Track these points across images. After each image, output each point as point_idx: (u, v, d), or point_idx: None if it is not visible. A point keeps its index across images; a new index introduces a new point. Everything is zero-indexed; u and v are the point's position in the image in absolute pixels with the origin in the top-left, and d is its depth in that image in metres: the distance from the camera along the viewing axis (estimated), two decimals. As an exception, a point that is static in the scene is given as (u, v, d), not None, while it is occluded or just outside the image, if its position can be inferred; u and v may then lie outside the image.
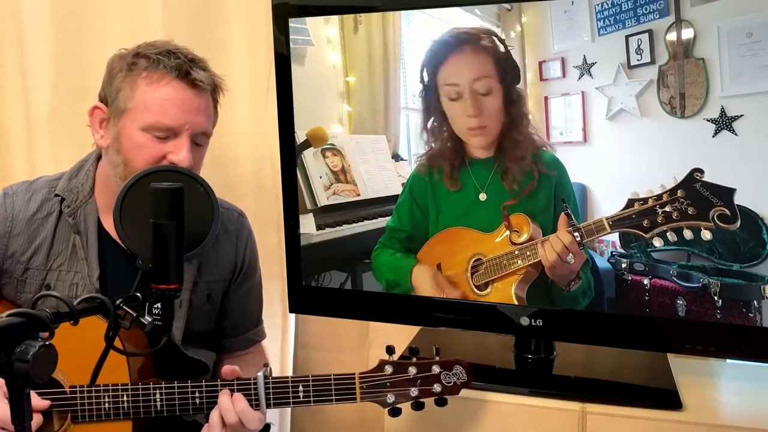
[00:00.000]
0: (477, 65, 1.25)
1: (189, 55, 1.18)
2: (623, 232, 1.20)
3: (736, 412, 1.20)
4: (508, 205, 1.26)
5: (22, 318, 0.71)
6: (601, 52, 1.18)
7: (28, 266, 1.23)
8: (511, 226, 1.26)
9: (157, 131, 1.14)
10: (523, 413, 1.21)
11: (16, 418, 0.71)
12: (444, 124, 1.30)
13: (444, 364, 1.12)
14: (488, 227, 1.29)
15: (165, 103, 1.14)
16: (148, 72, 1.14)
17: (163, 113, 1.14)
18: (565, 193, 1.23)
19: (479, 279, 1.31)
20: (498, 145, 1.26)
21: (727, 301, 1.15)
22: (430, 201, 1.33)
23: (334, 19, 1.33)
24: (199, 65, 1.18)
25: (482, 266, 1.31)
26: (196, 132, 1.17)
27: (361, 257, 1.40)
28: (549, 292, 1.27)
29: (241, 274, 1.37)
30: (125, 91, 1.15)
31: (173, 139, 1.15)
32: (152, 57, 1.15)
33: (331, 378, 1.12)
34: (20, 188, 1.27)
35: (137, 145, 1.15)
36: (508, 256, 1.28)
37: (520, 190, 1.25)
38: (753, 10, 1.07)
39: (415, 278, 1.36)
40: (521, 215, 1.25)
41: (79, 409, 1.13)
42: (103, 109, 1.19)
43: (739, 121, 1.10)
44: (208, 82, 1.18)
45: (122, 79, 1.16)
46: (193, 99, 1.16)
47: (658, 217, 1.15)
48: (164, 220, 0.86)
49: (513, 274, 1.28)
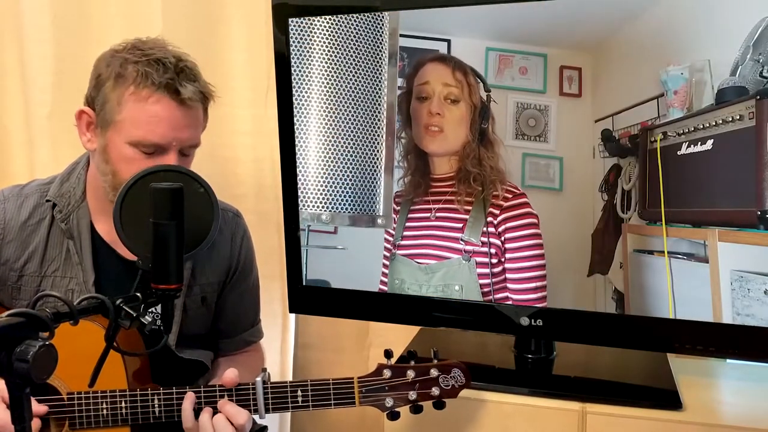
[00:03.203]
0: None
1: (179, 65, 1.14)
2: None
3: (736, 412, 1.20)
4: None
5: (22, 318, 0.71)
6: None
7: (22, 273, 1.22)
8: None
9: (143, 147, 1.12)
10: (523, 413, 1.21)
11: (17, 418, 0.71)
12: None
13: (442, 367, 1.12)
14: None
15: (153, 121, 1.11)
16: (136, 87, 1.11)
17: (150, 131, 1.12)
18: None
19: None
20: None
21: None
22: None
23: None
24: (189, 76, 1.15)
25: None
26: (183, 146, 1.16)
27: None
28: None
29: (236, 274, 1.36)
30: (112, 104, 1.13)
31: (161, 155, 1.14)
32: (140, 69, 1.11)
33: (330, 383, 1.11)
34: (11, 193, 1.25)
35: (125, 158, 1.13)
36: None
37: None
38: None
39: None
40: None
41: (77, 416, 1.12)
42: (90, 114, 1.17)
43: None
44: (197, 97, 1.15)
45: (110, 90, 1.13)
46: (182, 117, 1.14)
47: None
48: (164, 220, 0.86)
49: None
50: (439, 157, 1.32)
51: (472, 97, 1.26)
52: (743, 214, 1.11)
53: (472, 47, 1.26)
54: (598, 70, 1.19)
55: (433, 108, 1.29)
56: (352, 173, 1.38)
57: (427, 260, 1.35)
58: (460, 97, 1.27)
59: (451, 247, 1.32)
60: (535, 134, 1.25)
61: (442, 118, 1.29)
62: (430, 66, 1.29)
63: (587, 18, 1.18)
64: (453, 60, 1.27)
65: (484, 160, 1.26)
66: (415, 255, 1.36)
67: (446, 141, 1.30)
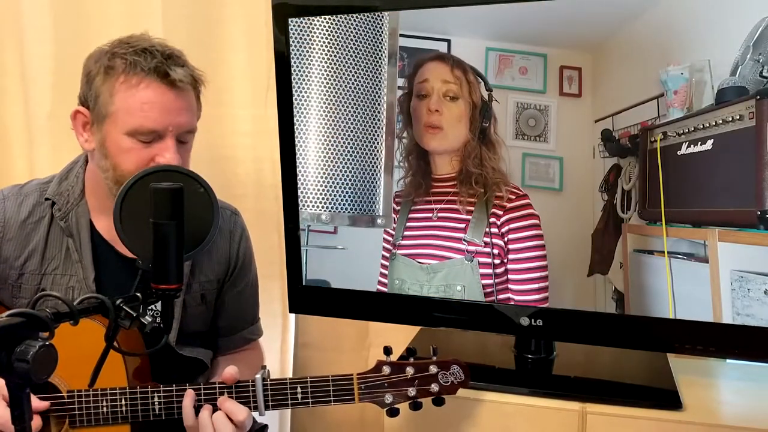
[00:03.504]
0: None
1: (166, 51, 1.15)
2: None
3: (736, 412, 1.20)
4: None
5: (22, 318, 0.71)
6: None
7: (22, 271, 1.22)
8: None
9: (141, 135, 1.13)
10: (523, 413, 1.21)
11: (17, 418, 0.71)
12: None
13: (441, 364, 1.12)
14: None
15: (146, 107, 1.12)
16: (126, 76, 1.12)
17: (145, 117, 1.12)
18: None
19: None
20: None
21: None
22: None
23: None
24: (178, 62, 1.15)
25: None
26: (180, 132, 1.16)
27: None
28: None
29: (234, 272, 1.37)
30: (104, 97, 1.13)
31: (159, 141, 1.14)
32: (128, 59, 1.12)
33: (329, 379, 1.12)
34: (11, 192, 1.26)
35: (123, 149, 1.14)
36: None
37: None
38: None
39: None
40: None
41: (77, 414, 1.12)
42: (85, 113, 1.17)
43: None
44: (188, 80, 1.16)
45: (101, 84, 1.14)
46: (175, 99, 1.14)
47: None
48: (164, 220, 0.86)
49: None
50: (440, 157, 1.32)
51: (472, 95, 1.26)
52: (743, 214, 1.11)
53: (472, 47, 1.26)
54: (598, 70, 1.19)
55: (431, 105, 1.29)
56: (352, 173, 1.38)
57: (428, 260, 1.35)
58: (458, 94, 1.27)
59: (454, 247, 1.32)
60: (535, 134, 1.25)
61: (440, 116, 1.29)
62: (430, 65, 1.29)
63: (587, 18, 1.18)
64: (452, 58, 1.27)
65: (485, 161, 1.26)
66: (416, 255, 1.36)
67: (446, 139, 1.30)
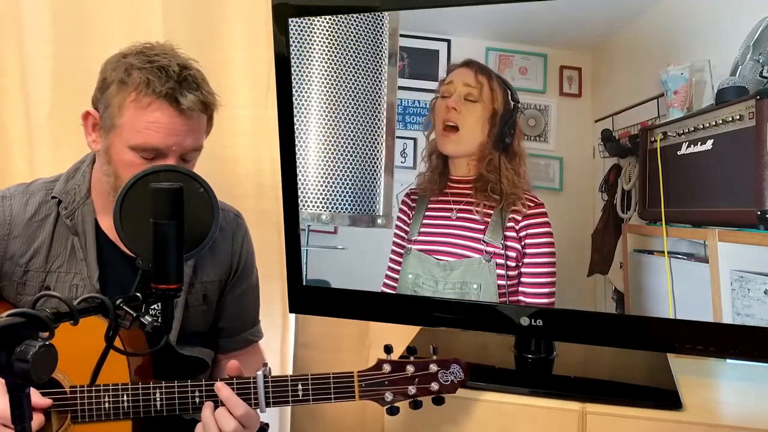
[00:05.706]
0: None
1: (183, 73, 1.14)
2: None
3: (736, 412, 1.20)
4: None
5: (22, 318, 0.71)
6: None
7: (27, 268, 1.23)
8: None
9: (143, 152, 1.13)
10: (523, 413, 1.21)
11: (17, 418, 0.72)
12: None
13: (441, 362, 1.12)
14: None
15: (153, 126, 1.12)
16: (137, 94, 1.12)
17: (150, 135, 1.12)
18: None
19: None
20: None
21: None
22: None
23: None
24: (191, 85, 1.15)
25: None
26: (184, 152, 1.17)
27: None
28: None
29: (236, 274, 1.38)
30: (114, 108, 1.14)
31: (161, 159, 1.14)
32: (143, 77, 1.12)
33: (330, 377, 1.12)
34: (17, 191, 1.27)
35: (125, 162, 1.15)
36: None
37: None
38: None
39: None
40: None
41: (79, 409, 1.13)
42: (95, 116, 1.19)
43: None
44: (198, 107, 1.15)
45: (113, 94, 1.14)
46: (182, 123, 1.14)
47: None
48: (164, 220, 0.86)
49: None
50: (458, 159, 1.32)
51: (494, 102, 1.26)
52: (743, 214, 1.11)
53: (472, 47, 1.26)
54: (598, 70, 1.19)
55: (450, 103, 1.29)
56: (352, 173, 1.38)
57: (446, 257, 1.34)
58: (478, 98, 1.27)
59: (473, 246, 1.32)
60: (535, 134, 1.25)
61: (458, 114, 1.29)
62: (458, 69, 1.29)
63: (587, 18, 1.18)
64: (478, 64, 1.27)
65: (504, 171, 1.26)
66: (433, 251, 1.36)
67: (461, 142, 1.30)
